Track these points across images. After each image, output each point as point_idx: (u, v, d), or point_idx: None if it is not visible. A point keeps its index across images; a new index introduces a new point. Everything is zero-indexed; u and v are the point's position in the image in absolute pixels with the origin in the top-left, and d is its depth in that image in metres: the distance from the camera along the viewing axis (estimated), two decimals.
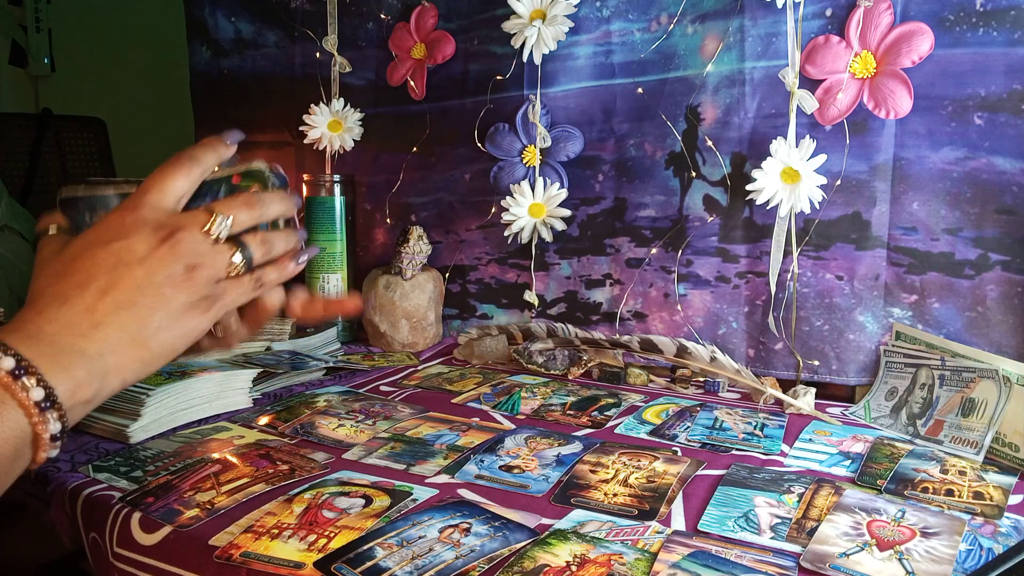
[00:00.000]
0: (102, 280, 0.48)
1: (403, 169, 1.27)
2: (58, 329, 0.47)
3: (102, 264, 0.49)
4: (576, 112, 1.11)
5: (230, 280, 0.54)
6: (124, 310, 0.48)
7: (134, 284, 0.49)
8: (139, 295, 0.49)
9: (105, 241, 0.50)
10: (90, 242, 0.50)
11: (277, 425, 0.85)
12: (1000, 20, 0.85)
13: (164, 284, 0.50)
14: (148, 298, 0.49)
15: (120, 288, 0.49)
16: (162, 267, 0.50)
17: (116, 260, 0.49)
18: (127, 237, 0.50)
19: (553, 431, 0.84)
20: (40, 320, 0.47)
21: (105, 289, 0.48)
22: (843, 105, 0.92)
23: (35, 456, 0.45)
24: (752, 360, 1.02)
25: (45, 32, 2.20)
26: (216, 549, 0.59)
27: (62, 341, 0.46)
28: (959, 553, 0.57)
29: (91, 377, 0.47)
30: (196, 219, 0.52)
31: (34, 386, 0.44)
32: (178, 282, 0.50)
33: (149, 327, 0.49)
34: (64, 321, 0.47)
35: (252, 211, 0.55)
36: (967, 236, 0.89)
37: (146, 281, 0.49)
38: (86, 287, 0.48)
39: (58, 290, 0.49)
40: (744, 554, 0.57)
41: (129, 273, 0.49)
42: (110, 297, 0.48)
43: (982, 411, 0.77)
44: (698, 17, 1.01)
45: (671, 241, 1.06)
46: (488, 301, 1.23)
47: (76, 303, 0.48)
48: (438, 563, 0.55)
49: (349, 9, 1.28)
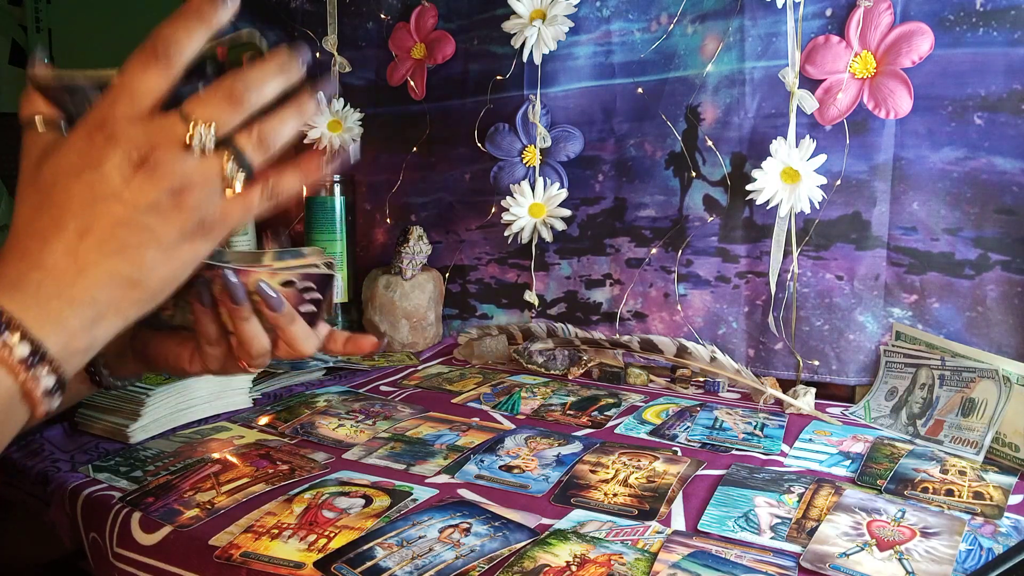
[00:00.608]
0: (80, 219, 0.43)
1: (403, 169, 1.27)
2: (42, 276, 0.42)
3: (76, 199, 0.43)
4: (576, 112, 1.11)
5: (234, 197, 0.46)
6: (110, 253, 0.43)
7: (115, 221, 0.43)
8: (123, 233, 0.43)
9: (76, 170, 0.43)
10: (60, 169, 0.44)
11: (277, 425, 0.85)
12: (1000, 20, 0.85)
13: (149, 217, 0.43)
14: (134, 236, 0.43)
15: (100, 227, 0.43)
16: (143, 196, 0.43)
17: (91, 194, 0.43)
18: (98, 165, 0.43)
19: (553, 431, 0.84)
20: (23, 265, 0.43)
21: (85, 230, 0.43)
22: (843, 105, 0.92)
23: (33, 412, 0.43)
24: (752, 360, 1.02)
25: (45, 32, 2.20)
26: (216, 549, 0.59)
27: (48, 289, 0.42)
28: (959, 553, 0.57)
29: (84, 324, 0.43)
30: (172, 132, 0.44)
31: (17, 343, 0.41)
32: (165, 211, 0.44)
33: (141, 267, 0.44)
34: (48, 266, 0.42)
35: (238, 106, 0.45)
36: (967, 236, 0.89)
37: (128, 217, 0.43)
38: (64, 227, 0.43)
39: (38, 227, 0.43)
40: (744, 554, 0.57)
41: (107, 209, 0.43)
42: (92, 238, 0.43)
43: (982, 411, 0.77)
44: (698, 17, 1.01)
45: (671, 241, 1.06)
46: (488, 301, 1.23)
47: (56, 245, 0.43)
48: (438, 563, 0.55)
49: (349, 9, 1.28)
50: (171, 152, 0.43)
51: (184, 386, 0.84)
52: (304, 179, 0.49)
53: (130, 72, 0.44)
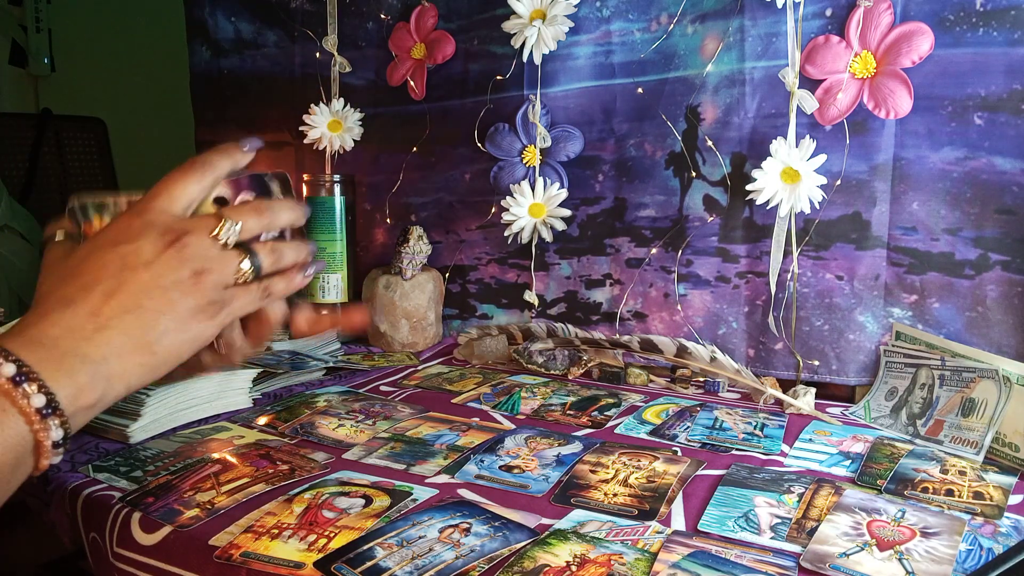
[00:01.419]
0: (107, 283, 0.48)
1: (403, 169, 1.27)
2: (61, 333, 0.46)
3: (108, 267, 0.49)
4: (576, 112, 1.11)
5: (238, 287, 0.53)
6: (129, 314, 0.48)
7: (140, 287, 0.48)
8: (145, 299, 0.48)
9: (112, 244, 0.50)
10: (97, 245, 0.50)
11: (277, 425, 0.85)
12: (1000, 20, 0.85)
13: (171, 288, 0.49)
14: (154, 301, 0.49)
15: (126, 291, 0.48)
16: (169, 271, 0.49)
17: (122, 263, 0.49)
18: (134, 241, 0.49)
19: (553, 431, 0.84)
20: (43, 324, 0.46)
21: (110, 292, 0.48)
22: (843, 105, 0.92)
23: (37, 463, 0.45)
24: (752, 360, 1.02)
25: (45, 32, 2.20)
26: (216, 549, 0.59)
27: (64, 345, 0.46)
28: (959, 553, 0.57)
29: (94, 382, 0.46)
30: (205, 224, 0.52)
31: (35, 392, 0.43)
32: (185, 286, 0.50)
33: (155, 331, 0.49)
34: (67, 325, 0.47)
35: (261, 218, 0.55)
36: (967, 236, 0.89)
37: (152, 284, 0.49)
38: (91, 290, 0.48)
39: (62, 294, 0.48)
40: (744, 554, 0.57)
41: (135, 277, 0.48)
42: (115, 300, 0.48)
43: (982, 411, 0.77)
44: (698, 17, 1.01)
45: (671, 241, 1.06)
46: (488, 301, 1.23)
47: (80, 306, 0.47)
48: (438, 563, 0.55)
49: (349, 9, 1.28)
50: (201, 238, 0.51)
51: (184, 386, 0.84)
52: (288, 287, 0.57)
53: (171, 177, 0.53)
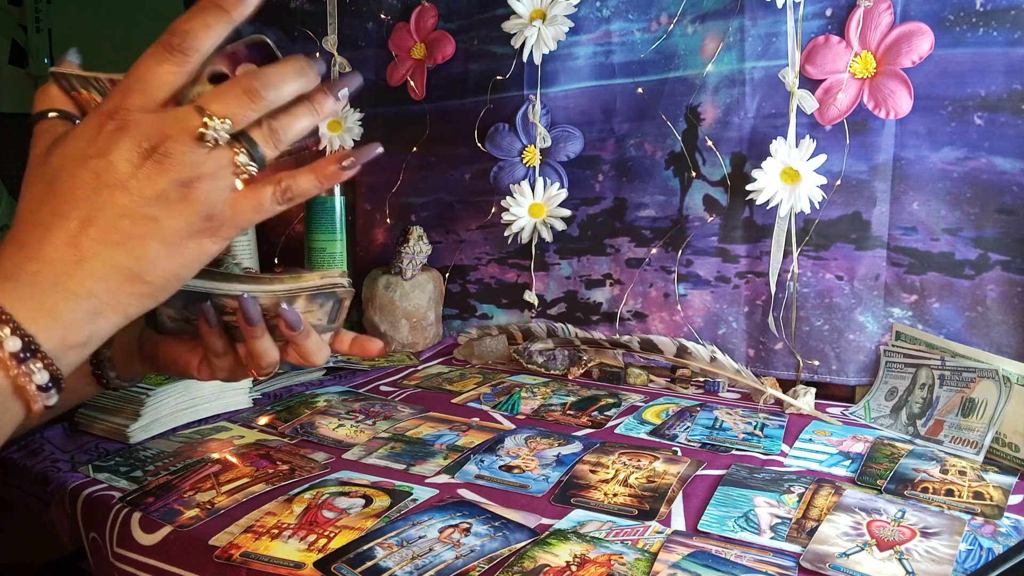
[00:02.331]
0: (83, 207, 0.42)
1: (403, 169, 1.27)
2: (40, 267, 0.41)
3: (81, 187, 0.42)
4: (576, 112, 1.11)
5: (242, 192, 0.45)
6: (113, 243, 0.42)
7: (119, 211, 0.42)
8: (127, 224, 0.42)
9: (82, 157, 0.42)
10: (67, 156, 0.43)
11: (277, 425, 0.85)
12: (1000, 20, 0.85)
13: (155, 208, 0.42)
14: (138, 227, 0.42)
15: (104, 217, 0.42)
16: (150, 187, 0.42)
17: (96, 181, 0.42)
18: (106, 153, 0.42)
19: (553, 431, 0.84)
20: (20, 255, 0.41)
21: (88, 219, 0.42)
22: (843, 105, 0.92)
23: (28, 409, 0.41)
24: (752, 360, 1.02)
25: (45, 32, 2.20)
26: (216, 549, 0.59)
27: (45, 281, 0.41)
28: (959, 553, 0.57)
29: (81, 318, 0.42)
30: (186, 124, 0.43)
31: (8, 336, 0.39)
32: (172, 204, 0.42)
33: (143, 260, 0.42)
34: (46, 258, 0.41)
35: (255, 102, 0.44)
36: (967, 236, 0.89)
37: (133, 207, 0.42)
38: (66, 216, 0.42)
39: (39, 217, 0.42)
40: (744, 554, 0.57)
41: (112, 198, 0.42)
42: (94, 228, 0.42)
43: (982, 411, 0.77)
44: (698, 17, 1.01)
45: (671, 241, 1.06)
46: (488, 301, 1.23)
47: (57, 235, 0.41)
48: (438, 563, 0.55)
49: (349, 9, 1.28)
50: (182, 143, 0.42)
51: (184, 386, 0.84)
52: (320, 182, 0.48)
53: (144, 64, 0.43)
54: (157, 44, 0.44)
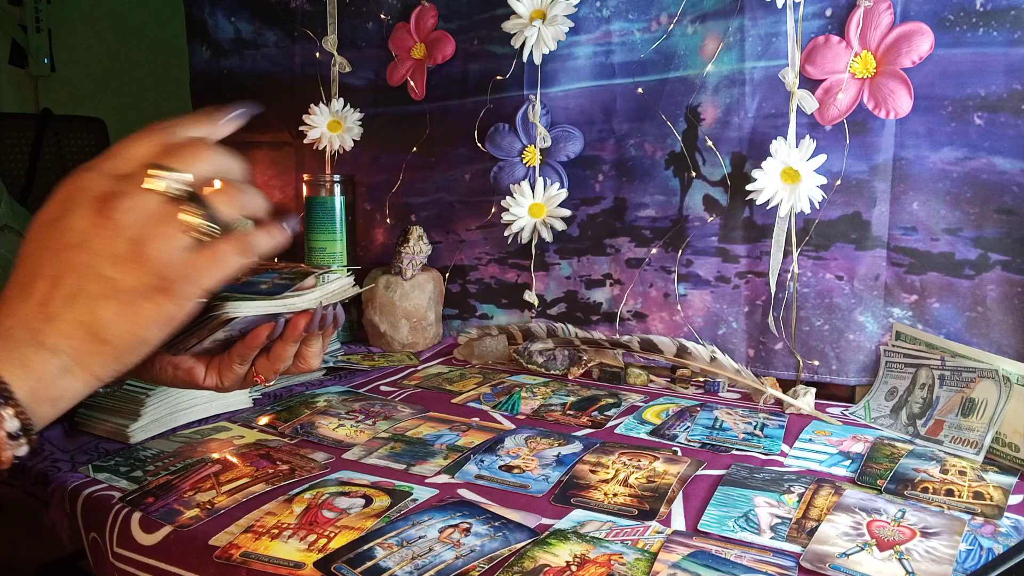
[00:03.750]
0: (52, 267, 0.43)
1: (403, 169, 1.27)
2: (15, 323, 0.43)
3: (49, 247, 0.44)
4: (576, 112, 1.11)
5: (200, 252, 0.45)
6: (74, 301, 0.43)
7: (79, 270, 0.43)
8: (83, 282, 0.43)
9: (51, 220, 0.44)
10: (40, 222, 0.45)
11: (277, 425, 0.85)
12: (1000, 20, 0.85)
13: (108, 267, 0.43)
14: (92, 285, 0.43)
15: (67, 275, 0.43)
16: (104, 247, 0.43)
17: (59, 242, 0.43)
18: (67, 214, 0.44)
19: (553, 431, 0.84)
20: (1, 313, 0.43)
21: (55, 278, 0.43)
22: (843, 105, 0.92)
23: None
24: (752, 360, 1.02)
25: (45, 32, 2.20)
26: (216, 549, 0.59)
27: (19, 335, 0.42)
28: (959, 553, 0.57)
29: (53, 373, 0.43)
30: (137, 179, 0.44)
31: (8, 417, 0.40)
32: (125, 262, 0.43)
33: (100, 319, 0.43)
34: (21, 314, 0.43)
35: (204, 161, 0.46)
36: (967, 236, 0.89)
37: (88, 266, 0.43)
38: (39, 276, 0.43)
39: (18, 278, 0.44)
40: (744, 554, 0.57)
41: (72, 257, 0.43)
42: (60, 288, 0.43)
43: (982, 411, 0.77)
44: (698, 17, 1.01)
45: (671, 241, 1.06)
46: (488, 301, 1.23)
47: (31, 295, 0.43)
48: (438, 563, 0.55)
49: (349, 9, 1.28)
50: (133, 199, 0.43)
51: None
52: (273, 244, 0.49)
53: (126, 140, 0.46)
54: (144, 128, 0.46)
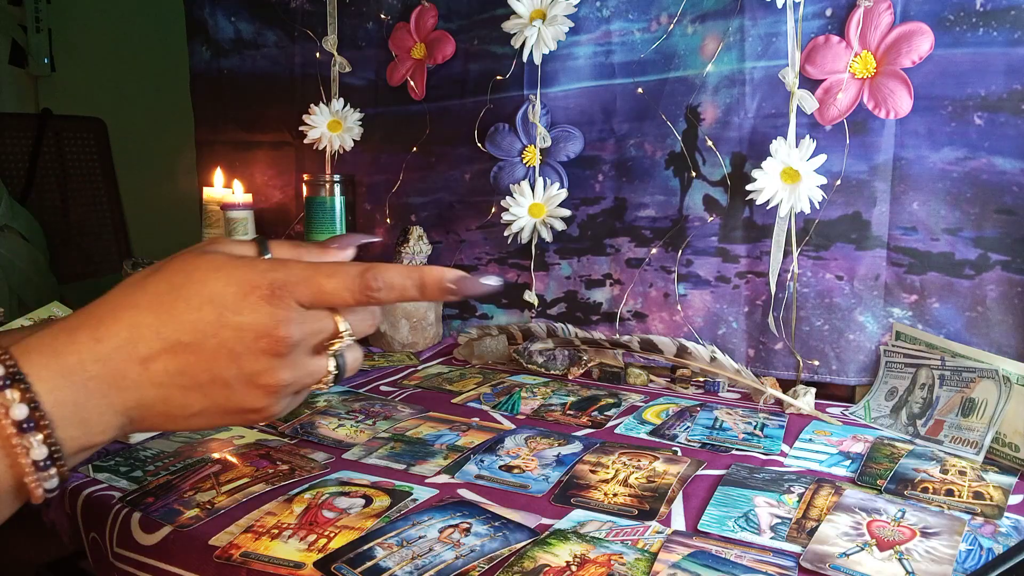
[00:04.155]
0: (186, 337, 0.41)
1: (403, 169, 1.27)
2: (99, 372, 0.39)
3: (197, 318, 0.41)
4: (576, 112, 1.11)
5: (295, 395, 0.46)
6: (185, 390, 0.42)
7: (214, 370, 0.41)
8: (211, 387, 0.42)
9: (218, 297, 0.41)
10: (203, 283, 0.42)
11: (277, 425, 0.85)
12: (1000, 20, 0.85)
13: (242, 389, 0.42)
14: (217, 393, 0.42)
15: (198, 363, 0.41)
16: (259, 373, 0.42)
17: (214, 327, 0.41)
18: (241, 312, 0.41)
19: (553, 431, 0.84)
20: (83, 350, 0.39)
21: (181, 349, 0.41)
22: (843, 105, 0.92)
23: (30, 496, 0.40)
24: (752, 360, 1.02)
25: (45, 32, 2.20)
26: (216, 549, 0.59)
27: (93, 386, 0.39)
28: (959, 553, 0.57)
29: (104, 433, 0.41)
30: (320, 335, 0.44)
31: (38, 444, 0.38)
32: (261, 395, 0.43)
33: (192, 417, 0.43)
34: (115, 364, 0.40)
35: (370, 317, 0.48)
36: (967, 236, 0.89)
37: (227, 376, 0.42)
38: (163, 336, 0.40)
39: (135, 316, 0.41)
40: (744, 554, 0.57)
41: (217, 353, 0.41)
42: (177, 363, 0.41)
43: (982, 411, 0.77)
44: (698, 17, 1.01)
45: (671, 241, 1.06)
46: (488, 301, 1.23)
47: (140, 347, 0.40)
48: (438, 563, 0.55)
49: (349, 9, 1.28)
50: (308, 358, 0.44)
51: None
52: None
53: (331, 271, 0.44)
54: (354, 271, 0.44)
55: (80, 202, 2.14)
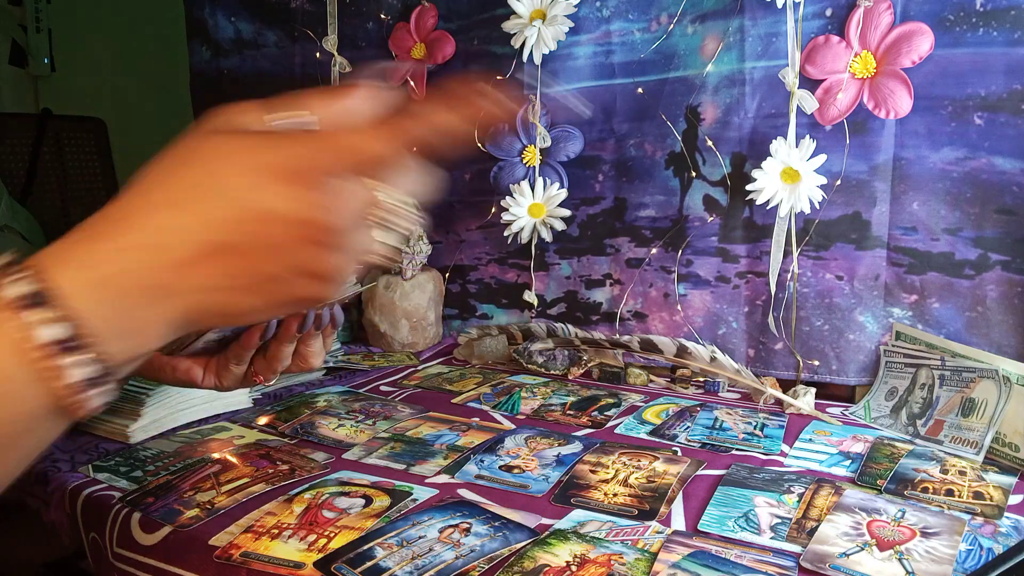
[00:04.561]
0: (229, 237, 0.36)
1: None
2: (135, 283, 0.35)
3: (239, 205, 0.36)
4: (576, 112, 1.11)
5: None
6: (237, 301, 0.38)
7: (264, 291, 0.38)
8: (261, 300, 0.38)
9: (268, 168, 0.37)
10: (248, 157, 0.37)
11: (277, 425, 0.85)
12: (1000, 20, 0.85)
13: (294, 303, 0.39)
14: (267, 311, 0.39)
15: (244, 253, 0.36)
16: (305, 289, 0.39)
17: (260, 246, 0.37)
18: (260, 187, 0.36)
19: (553, 431, 0.84)
20: (112, 260, 0.35)
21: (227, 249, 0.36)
22: (843, 105, 0.92)
23: (73, 415, 0.35)
24: (752, 360, 1.02)
25: (45, 32, 2.20)
26: (216, 549, 0.59)
27: (135, 299, 0.35)
28: (959, 553, 0.57)
29: (159, 340, 0.37)
30: (367, 236, 0.42)
31: (82, 363, 0.33)
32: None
33: (251, 317, 0.40)
34: (147, 273, 0.35)
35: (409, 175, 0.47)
36: (967, 236, 0.89)
37: (281, 294, 0.38)
38: (191, 236, 0.36)
39: (149, 210, 0.36)
40: (744, 554, 0.57)
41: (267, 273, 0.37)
42: (228, 281, 0.37)
43: (982, 411, 0.77)
44: (698, 17, 1.01)
45: (671, 241, 1.06)
46: (488, 301, 1.23)
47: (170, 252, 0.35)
48: (438, 563, 0.55)
49: (349, 9, 1.28)
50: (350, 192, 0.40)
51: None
52: None
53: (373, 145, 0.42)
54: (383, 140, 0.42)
55: (80, 202, 2.14)
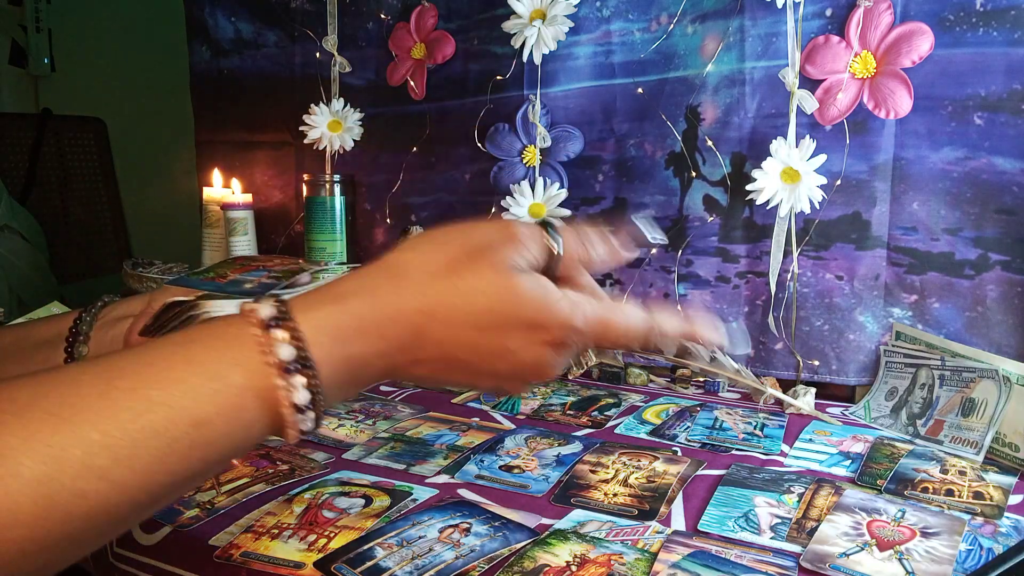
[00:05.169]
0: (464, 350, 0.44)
1: (403, 169, 1.27)
2: (377, 362, 0.42)
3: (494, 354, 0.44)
4: (576, 112, 1.11)
5: None
6: (446, 379, 0.46)
7: (470, 381, 0.46)
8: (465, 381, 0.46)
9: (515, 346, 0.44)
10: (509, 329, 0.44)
11: None
12: (1000, 20, 0.85)
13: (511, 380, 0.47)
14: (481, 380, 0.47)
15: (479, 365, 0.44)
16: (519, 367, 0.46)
17: (489, 369, 0.45)
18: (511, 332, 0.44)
19: (553, 431, 0.84)
20: (367, 345, 0.42)
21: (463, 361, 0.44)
22: (843, 105, 0.92)
23: (285, 436, 0.41)
24: (752, 360, 1.02)
25: (45, 32, 2.20)
26: (216, 549, 0.59)
27: (369, 367, 0.42)
28: (959, 553, 0.57)
29: (366, 387, 0.45)
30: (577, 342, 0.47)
31: (300, 388, 0.39)
32: (520, 378, 0.47)
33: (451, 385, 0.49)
34: (392, 359, 0.43)
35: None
36: (967, 236, 0.89)
37: (503, 379, 0.46)
38: (442, 348, 0.43)
39: (416, 313, 0.42)
40: (744, 554, 0.57)
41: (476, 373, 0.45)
42: (444, 370, 0.45)
43: (982, 411, 0.77)
44: (698, 17, 1.01)
45: (671, 241, 1.06)
46: None
47: (417, 352, 0.43)
48: (438, 563, 0.55)
49: (349, 9, 1.28)
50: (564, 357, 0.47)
51: None
52: None
53: (629, 327, 0.48)
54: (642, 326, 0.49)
55: (80, 202, 2.14)
